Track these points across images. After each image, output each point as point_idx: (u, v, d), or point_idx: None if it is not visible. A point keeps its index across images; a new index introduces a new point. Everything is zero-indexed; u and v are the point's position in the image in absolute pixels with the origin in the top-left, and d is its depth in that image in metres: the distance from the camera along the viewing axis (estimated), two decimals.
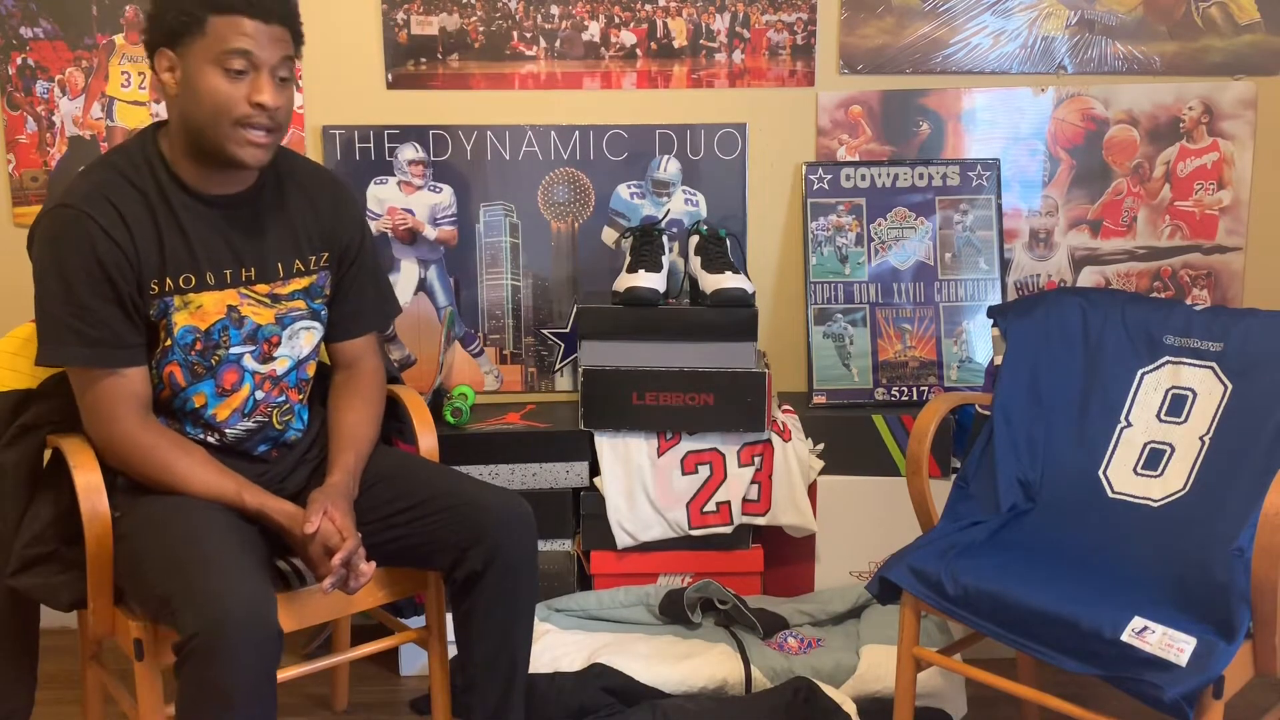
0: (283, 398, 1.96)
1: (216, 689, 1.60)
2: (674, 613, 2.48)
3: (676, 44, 2.72)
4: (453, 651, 2.04)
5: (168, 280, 1.83)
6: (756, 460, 2.55)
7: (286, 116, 1.83)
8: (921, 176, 2.75)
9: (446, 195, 2.74)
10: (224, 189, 1.86)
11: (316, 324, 1.99)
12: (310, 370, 2.01)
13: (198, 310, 1.86)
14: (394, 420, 2.20)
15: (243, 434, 1.93)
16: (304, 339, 1.98)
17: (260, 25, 1.75)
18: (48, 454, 1.92)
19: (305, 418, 2.02)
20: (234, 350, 1.89)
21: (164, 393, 1.89)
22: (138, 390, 1.83)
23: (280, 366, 1.95)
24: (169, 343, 1.85)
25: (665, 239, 2.64)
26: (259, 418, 1.94)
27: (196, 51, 1.75)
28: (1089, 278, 2.84)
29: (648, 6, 2.70)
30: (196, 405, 1.89)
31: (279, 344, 1.94)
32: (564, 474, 2.57)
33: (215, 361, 1.88)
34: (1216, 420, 2.07)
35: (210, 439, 1.92)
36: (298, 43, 1.84)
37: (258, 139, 1.78)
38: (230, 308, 1.88)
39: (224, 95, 1.75)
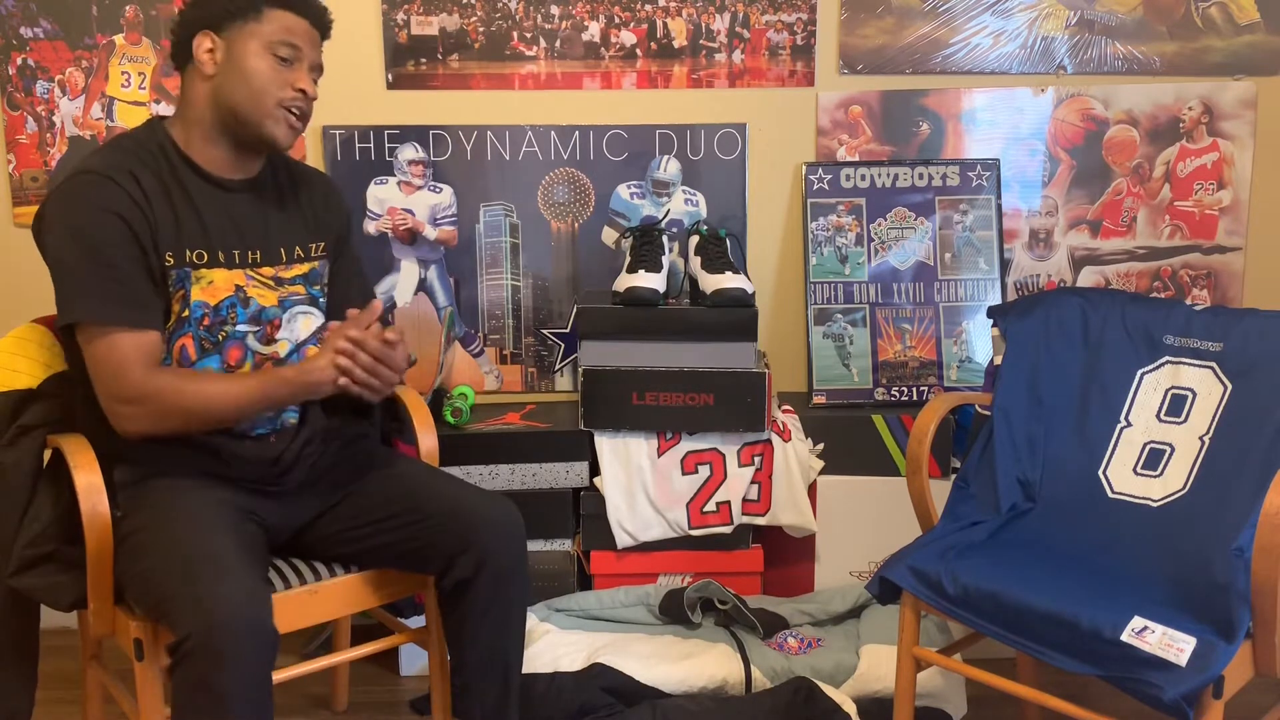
0: None
1: (211, 690, 1.60)
2: (674, 613, 2.48)
3: (676, 44, 2.72)
4: (449, 652, 2.04)
5: (186, 252, 1.86)
6: (756, 460, 2.55)
7: (311, 111, 1.96)
8: (921, 176, 2.75)
9: (446, 195, 2.74)
10: (233, 174, 1.93)
11: (314, 310, 2.02)
12: (310, 354, 2.02)
13: (209, 285, 1.89)
14: (394, 420, 2.21)
15: None
16: (301, 324, 1.99)
17: (310, 28, 1.93)
18: (48, 454, 1.92)
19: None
20: (239, 328, 1.92)
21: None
22: (151, 350, 1.84)
23: (281, 349, 1.97)
24: (185, 314, 1.87)
25: (665, 239, 2.64)
26: None
27: (247, 35, 1.87)
28: (1089, 278, 2.84)
29: (648, 6, 2.70)
30: None
31: (280, 327, 1.97)
32: (564, 474, 2.57)
33: (222, 338, 1.91)
34: (1216, 420, 2.07)
35: None
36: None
37: (294, 121, 1.91)
38: (238, 287, 1.91)
39: (271, 78, 1.87)
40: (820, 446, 2.61)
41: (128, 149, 1.88)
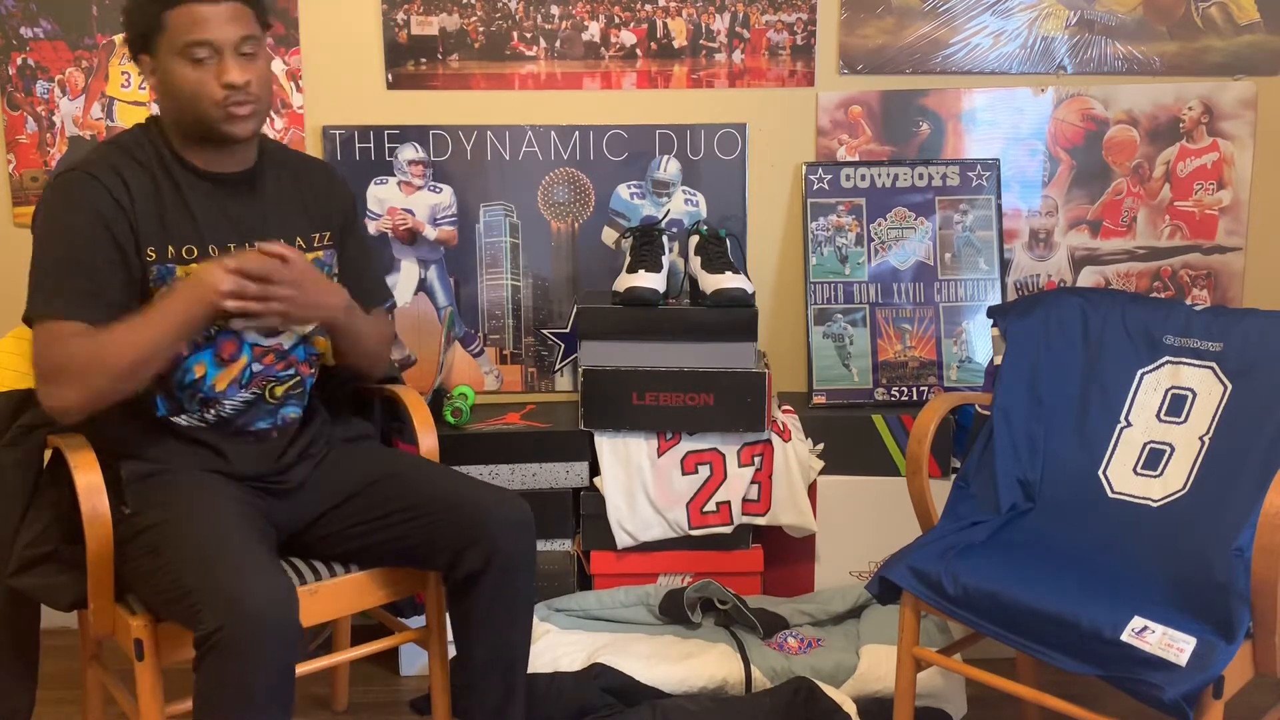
0: (290, 371, 1.98)
1: (237, 684, 1.61)
2: (674, 613, 2.48)
3: (676, 44, 2.72)
4: (453, 651, 2.04)
5: (169, 248, 1.86)
6: (756, 460, 2.55)
7: (263, 88, 1.87)
8: (921, 176, 2.75)
9: (446, 195, 2.74)
10: (226, 168, 1.92)
11: None
12: (320, 345, 2.03)
13: None
14: (394, 420, 2.21)
15: (241, 406, 1.94)
16: None
17: (211, 7, 1.80)
18: (48, 454, 1.92)
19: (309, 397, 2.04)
20: (235, 322, 1.90)
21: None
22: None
23: (286, 340, 1.97)
24: None
25: (665, 239, 2.64)
26: (255, 389, 1.94)
27: (164, 48, 1.82)
28: (1089, 278, 2.84)
29: (648, 6, 2.70)
30: (197, 376, 1.90)
31: None
32: (564, 474, 2.57)
33: (214, 332, 1.90)
34: (1216, 420, 2.07)
35: (209, 415, 1.92)
36: (261, 16, 1.89)
37: (241, 111, 1.84)
38: None
39: (196, 83, 1.81)
40: (820, 446, 2.61)
41: (121, 145, 1.89)
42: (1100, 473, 2.13)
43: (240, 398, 1.94)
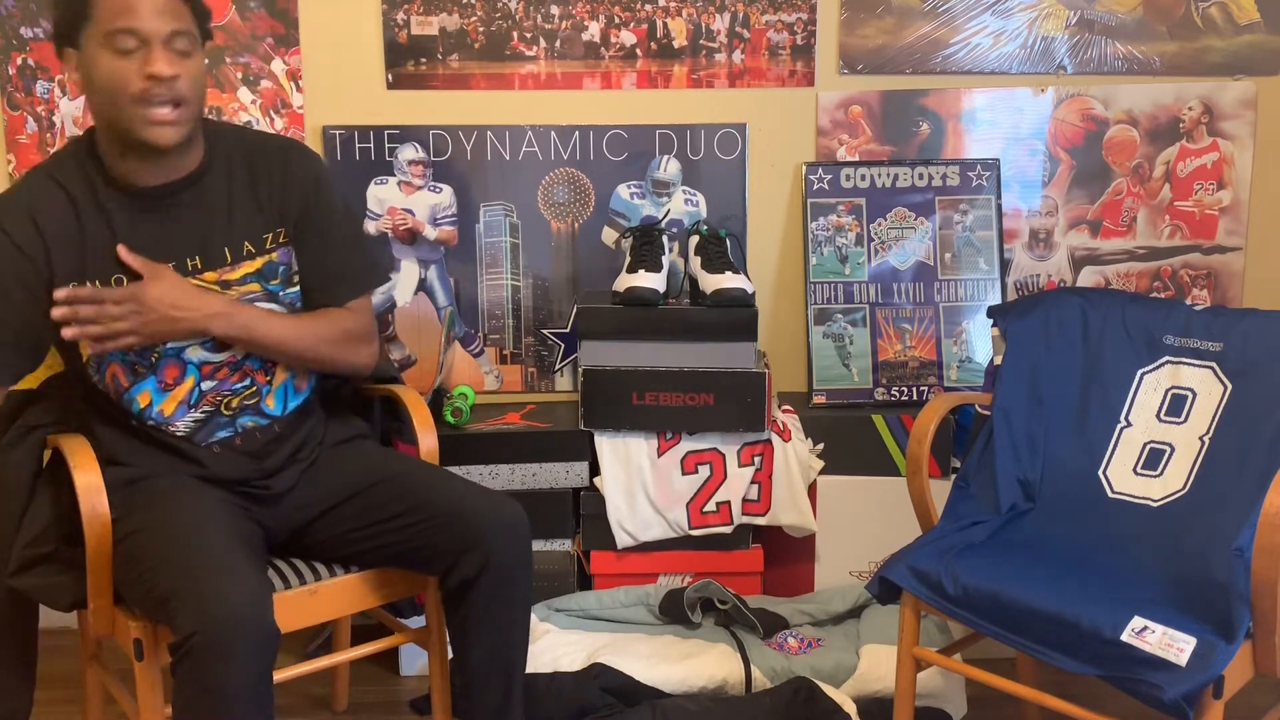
0: (246, 381, 1.94)
1: (213, 688, 1.60)
2: (674, 613, 2.48)
3: (676, 44, 2.72)
4: (452, 652, 2.04)
5: (96, 283, 1.81)
6: (756, 460, 2.55)
7: (192, 89, 1.77)
8: (921, 176, 2.75)
9: (446, 195, 2.74)
10: (161, 178, 1.84)
11: (275, 305, 1.95)
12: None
13: None
14: (394, 420, 2.20)
15: (193, 425, 1.92)
16: None
17: None
18: (48, 454, 1.92)
19: (287, 403, 2.00)
20: (171, 345, 1.87)
21: (113, 395, 1.89)
22: None
23: (240, 351, 1.92)
24: None
25: (665, 239, 2.64)
26: (205, 408, 1.92)
27: (90, 39, 1.73)
28: (1089, 278, 2.84)
29: (648, 6, 2.70)
30: (142, 405, 1.88)
31: None
32: (564, 474, 2.57)
33: (155, 359, 1.87)
34: (1216, 420, 2.07)
35: (167, 434, 1.91)
36: (199, 17, 1.80)
37: (162, 115, 1.74)
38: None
39: (118, 73, 1.72)
40: (820, 446, 2.61)
41: (47, 173, 1.84)
42: (1100, 473, 2.13)
43: (190, 418, 1.91)
